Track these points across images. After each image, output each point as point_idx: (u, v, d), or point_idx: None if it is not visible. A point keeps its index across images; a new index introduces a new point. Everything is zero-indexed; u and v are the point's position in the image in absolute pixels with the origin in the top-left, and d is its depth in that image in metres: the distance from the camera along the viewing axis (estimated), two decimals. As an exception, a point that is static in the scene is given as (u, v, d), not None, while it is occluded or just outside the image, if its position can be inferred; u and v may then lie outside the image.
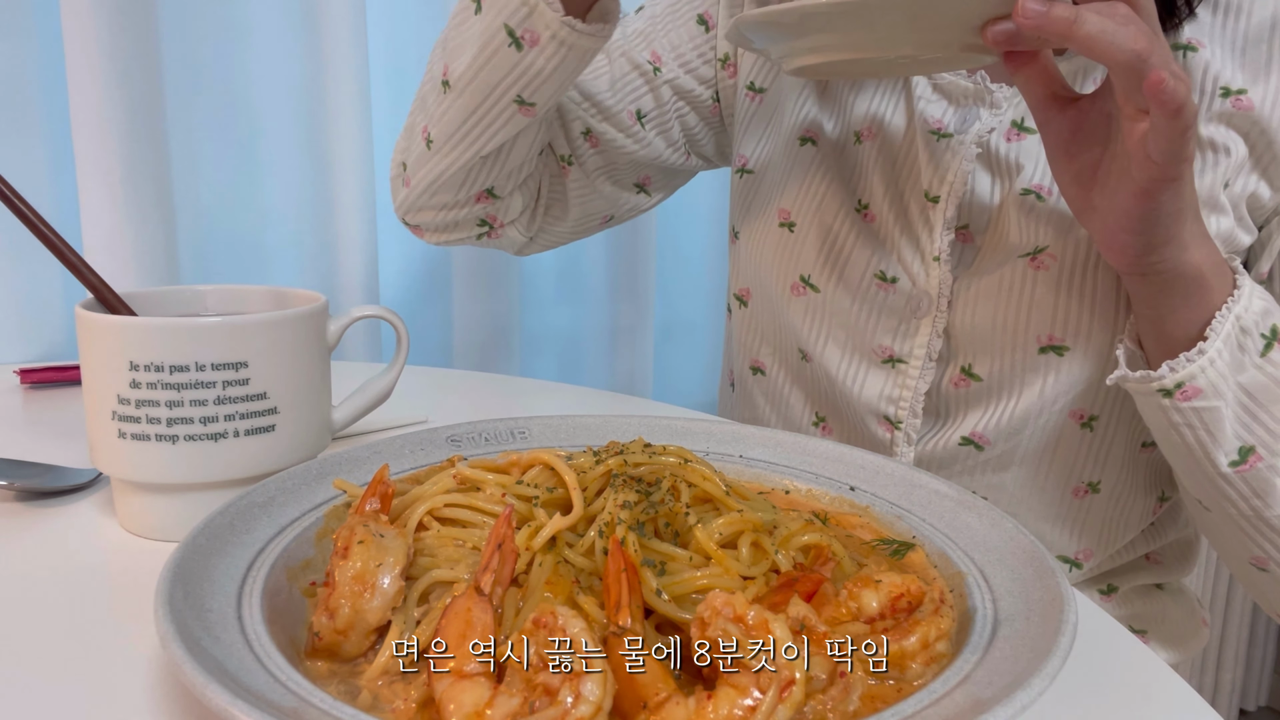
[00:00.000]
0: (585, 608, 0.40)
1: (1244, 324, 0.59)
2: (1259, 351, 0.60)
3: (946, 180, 0.72)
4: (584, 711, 0.33)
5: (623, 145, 0.85)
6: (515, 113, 0.72)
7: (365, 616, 0.40)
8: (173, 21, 1.07)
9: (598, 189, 0.88)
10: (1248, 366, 0.60)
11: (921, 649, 0.39)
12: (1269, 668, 1.92)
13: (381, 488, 0.47)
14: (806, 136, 0.80)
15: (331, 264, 1.20)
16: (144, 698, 0.40)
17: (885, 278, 0.75)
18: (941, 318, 0.73)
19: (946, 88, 0.75)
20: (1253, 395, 0.60)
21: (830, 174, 0.78)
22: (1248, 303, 0.60)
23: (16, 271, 1.05)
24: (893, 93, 0.77)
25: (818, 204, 0.78)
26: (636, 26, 0.87)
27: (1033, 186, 0.70)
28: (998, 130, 0.72)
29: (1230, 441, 0.61)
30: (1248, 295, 0.60)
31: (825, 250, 0.77)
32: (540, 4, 0.66)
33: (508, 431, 0.61)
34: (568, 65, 0.69)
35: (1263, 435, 0.61)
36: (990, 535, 0.48)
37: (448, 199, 0.81)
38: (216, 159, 1.14)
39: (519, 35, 0.68)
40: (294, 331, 0.56)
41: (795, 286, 0.79)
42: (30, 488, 0.62)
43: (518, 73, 0.70)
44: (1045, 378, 0.70)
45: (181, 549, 0.41)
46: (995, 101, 0.73)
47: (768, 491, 0.57)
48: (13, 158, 1.03)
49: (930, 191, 0.73)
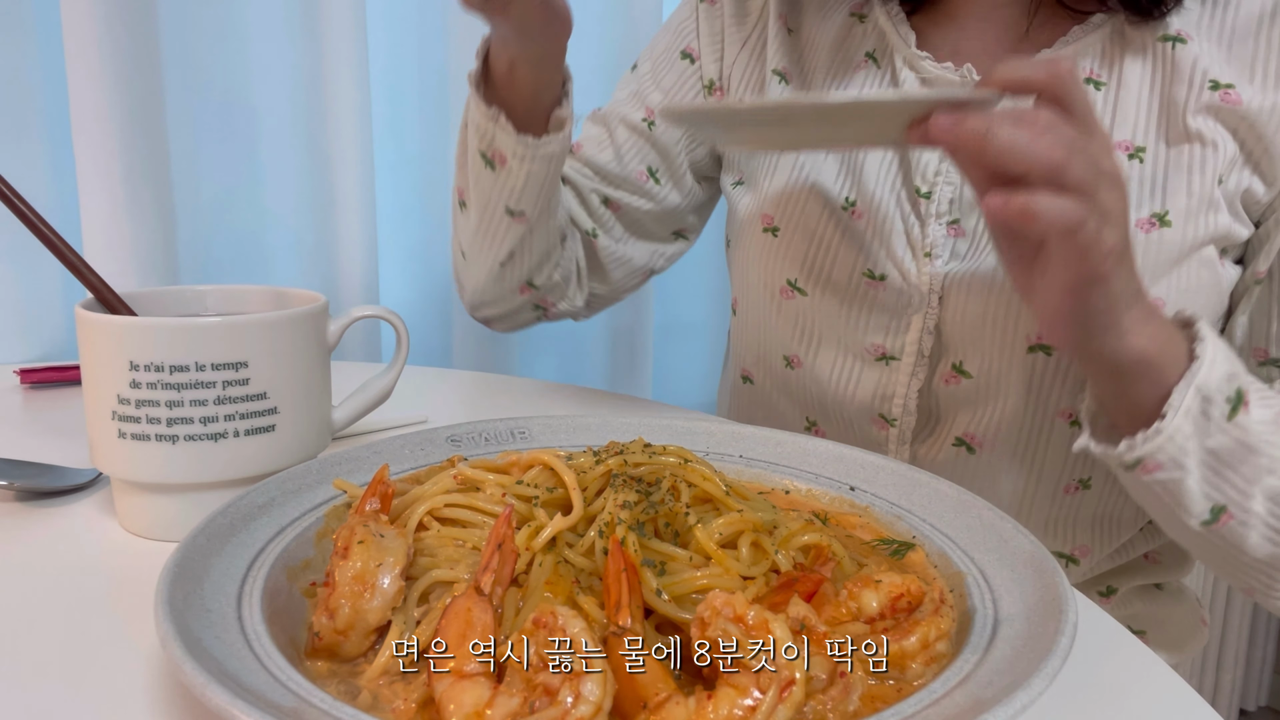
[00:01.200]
0: (585, 608, 0.40)
1: (1206, 392, 0.58)
2: (1225, 416, 0.58)
3: (938, 175, 0.73)
4: (584, 711, 0.33)
5: (641, 205, 0.90)
6: (510, 223, 0.79)
7: (365, 616, 0.40)
8: (173, 21, 1.07)
9: (629, 251, 0.93)
10: (1214, 432, 0.58)
11: (921, 649, 0.39)
12: (1269, 668, 1.92)
13: (381, 488, 0.47)
14: None
15: (331, 264, 1.20)
16: (144, 698, 0.40)
17: (874, 275, 0.75)
18: (933, 313, 0.73)
19: (934, 82, 0.75)
20: (1220, 458, 0.59)
21: (814, 176, 0.79)
22: (1209, 371, 0.58)
23: (16, 271, 1.05)
24: (882, 89, 0.78)
25: (801, 207, 0.79)
26: (630, 89, 0.92)
27: None
28: None
29: (1200, 503, 0.60)
30: (1209, 363, 0.58)
31: (811, 252, 0.78)
32: (496, 129, 0.73)
33: (508, 431, 0.61)
34: (537, 174, 0.75)
35: (1233, 494, 0.60)
36: (990, 535, 0.48)
37: (494, 297, 0.87)
38: (216, 159, 1.14)
39: (489, 157, 0.76)
40: (294, 331, 0.56)
41: (784, 290, 0.80)
42: (30, 488, 0.62)
43: (499, 189, 0.77)
44: (1034, 376, 0.71)
45: (181, 549, 0.41)
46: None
47: (768, 491, 0.57)
48: (13, 158, 1.03)
49: (921, 187, 0.73)
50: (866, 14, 0.81)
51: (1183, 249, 0.68)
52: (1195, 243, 0.68)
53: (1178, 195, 0.68)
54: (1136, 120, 0.70)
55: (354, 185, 1.16)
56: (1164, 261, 0.68)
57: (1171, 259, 0.68)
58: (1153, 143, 0.69)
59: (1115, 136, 0.69)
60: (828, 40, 0.82)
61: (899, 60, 0.77)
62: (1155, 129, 0.69)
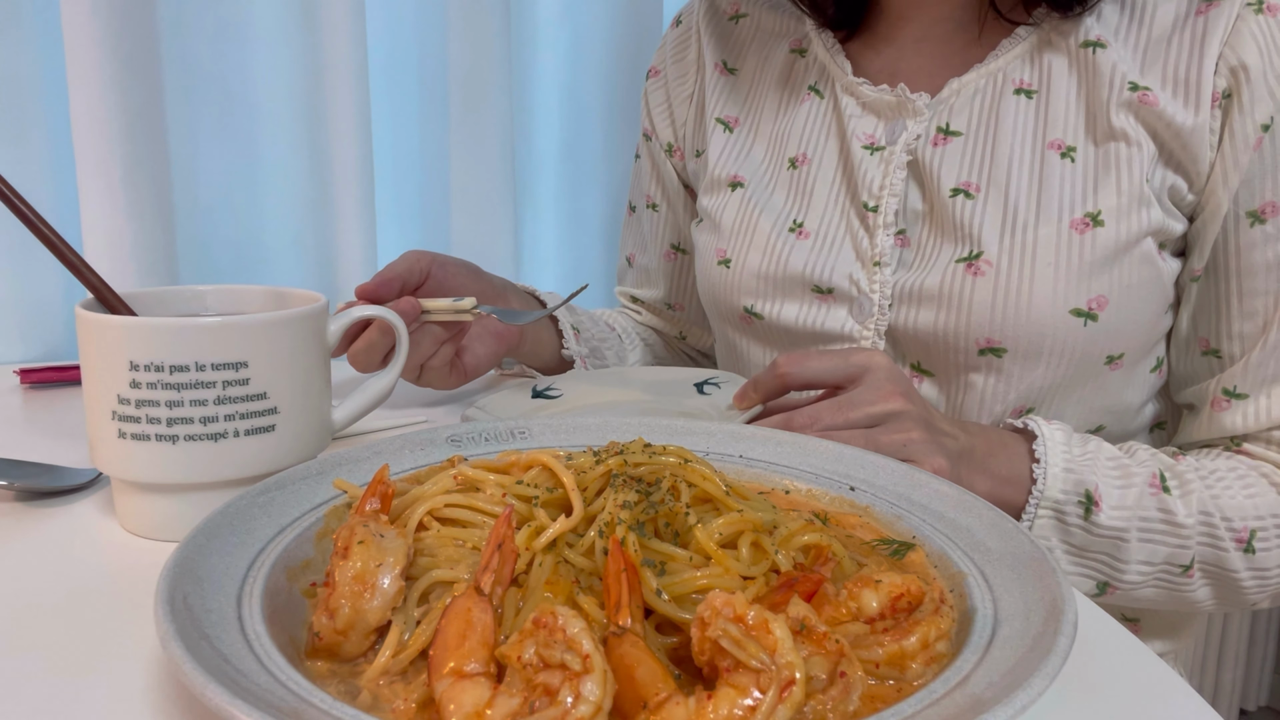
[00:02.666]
0: (585, 608, 0.40)
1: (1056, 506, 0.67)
2: (1080, 517, 0.67)
3: (882, 189, 0.77)
4: (584, 711, 0.33)
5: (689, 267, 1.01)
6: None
7: (365, 616, 0.40)
8: (173, 21, 1.07)
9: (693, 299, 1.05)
10: (1075, 533, 0.67)
11: (921, 649, 0.39)
12: (1269, 668, 1.92)
13: (381, 488, 0.47)
14: (735, 182, 0.87)
15: (331, 264, 1.20)
16: (144, 698, 0.40)
17: (822, 289, 0.79)
18: (884, 319, 0.76)
19: (873, 104, 0.80)
20: (1086, 549, 0.68)
21: (760, 207, 0.84)
22: (1050, 484, 0.66)
23: (16, 271, 1.05)
24: (824, 119, 0.83)
25: (749, 237, 0.83)
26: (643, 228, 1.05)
27: (961, 185, 0.74)
28: (924, 137, 0.76)
29: (1083, 583, 0.68)
30: (1047, 479, 0.67)
31: (762, 277, 0.82)
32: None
33: (508, 431, 0.61)
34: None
35: (1109, 573, 0.69)
36: (990, 535, 0.48)
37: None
38: (216, 159, 1.14)
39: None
40: (294, 331, 0.56)
41: (743, 318, 0.85)
42: (30, 488, 0.62)
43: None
44: (987, 378, 0.74)
45: (181, 549, 0.41)
46: (917, 109, 0.77)
47: (768, 491, 0.57)
48: (13, 158, 1.03)
49: (868, 202, 0.77)
50: (806, 48, 0.87)
51: (1118, 246, 0.70)
52: (1130, 239, 0.71)
53: (1108, 194, 0.71)
54: (1066, 121, 0.73)
55: (354, 185, 1.16)
56: (1100, 260, 0.70)
57: (1108, 256, 0.70)
58: (1082, 142, 0.72)
59: (1048, 136, 0.73)
60: (772, 77, 0.88)
61: (839, 88, 0.82)
62: (1083, 129, 0.73)
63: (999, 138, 0.74)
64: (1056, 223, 0.71)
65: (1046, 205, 0.72)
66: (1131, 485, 0.68)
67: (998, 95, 0.75)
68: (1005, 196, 0.73)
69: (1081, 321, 0.71)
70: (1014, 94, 0.75)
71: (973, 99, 0.76)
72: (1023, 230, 0.71)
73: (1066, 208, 0.71)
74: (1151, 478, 0.69)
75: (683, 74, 0.95)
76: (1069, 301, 0.70)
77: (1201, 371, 0.76)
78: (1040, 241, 0.71)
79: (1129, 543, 0.67)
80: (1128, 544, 0.67)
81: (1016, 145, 0.74)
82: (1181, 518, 0.68)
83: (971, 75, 0.76)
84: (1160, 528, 0.68)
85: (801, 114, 0.84)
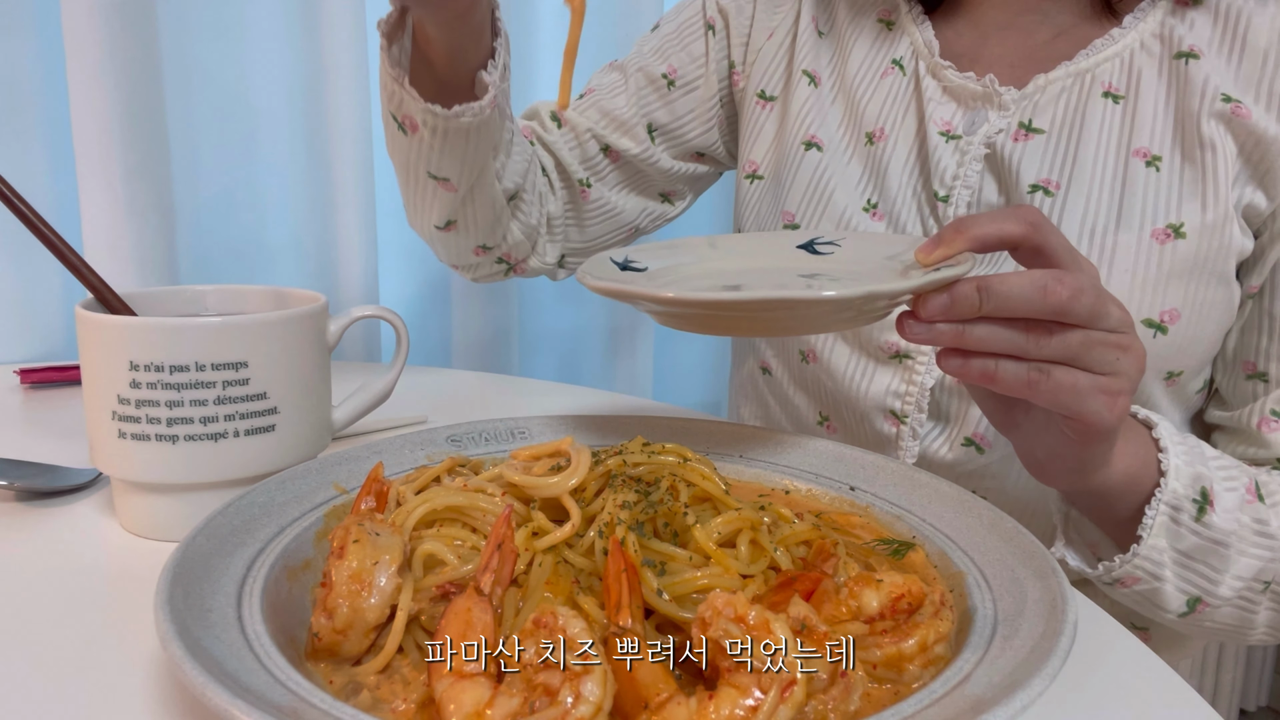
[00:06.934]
0: (585, 608, 0.40)
1: (1175, 502, 0.59)
2: (1193, 517, 0.60)
3: (955, 180, 0.74)
4: (584, 711, 0.33)
5: (641, 156, 0.89)
6: (437, 188, 0.76)
7: (364, 615, 0.40)
8: (173, 21, 1.07)
9: (621, 203, 0.92)
10: (1185, 535, 0.60)
11: (920, 652, 0.39)
12: (1269, 668, 1.92)
13: (376, 486, 0.47)
14: (811, 142, 0.82)
15: (331, 264, 1.20)
16: (144, 698, 0.40)
17: None
18: None
19: (956, 90, 0.76)
20: (1191, 556, 0.61)
21: (836, 178, 0.80)
22: (1175, 483, 0.59)
23: (16, 271, 1.05)
24: (903, 97, 0.79)
25: (823, 207, 0.79)
26: (652, 44, 0.91)
27: (1040, 181, 0.71)
28: (1005, 131, 0.73)
29: (1176, 599, 0.62)
30: (1174, 474, 0.59)
31: None
32: (402, 92, 0.68)
33: (508, 431, 0.61)
34: (455, 147, 0.71)
35: (1205, 585, 0.62)
36: (990, 535, 0.48)
37: (451, 259, 0.87)
38: (216, 159, 1.14)
39: (401, 121, 0.71)
40: (294, 331, 0.56)
41: None
42: (30, 488, 0.62)
43: (415, 154, 0.73)
44: None
45: (181, 549, 0.41)
46: (1003, 103, 0.74)
47: (768, 492, 0.57)
48: (13, 158, 1.03)
49: (939, 191, 0.74)
50: (895, 20, 0.83)
51: (1196, 260, 0.69)
52: (1209, 255, 0.69)
53: (1193, 208, 0.69)
54: (1153, 130, 0.71)
55: (354, 185, 1.16)
56: (1178, 272, 0.69)
57: (1186, 269, 0.69)
58: (1168, 152, 0.70)
59: (1133, 144, 0.71)
60: (860, 45, 0.83)
61: (923, 68, 0.79)
62: (1170, 139, 0.70)
63: (1083, 140, 0.72)
64: (1137, 230, 0.69)
65: (1128, 212, 0.70)
66: (1235, 489, 0.62)
67: (1085, 96, 0.73)
68: (1086, 199, 0.70)
69: (1152, 333, 0.69)
70: (1101, 97, 0.72)
71: (1058, 98, 0.73)
72: (1102, 234, 0.70)
73: (1149, 216, 0.69)
74: (1250, 484, 0.64)
75: (776, 7, 0.88)
76: (1142, 311, 0.68)
77: (1246, 395, 0.74)
78: (1119, 247, 0.69)
79: (1229, 550, 0.61)
80: (1228, 552, 0.61)
81: (1100, 149, 0.71)
82: (1274, 529, 0.63)
83: (1059, 72, 0.74)
84: (1254, 539, 0.63)
85: (884, 88, 0.81)
